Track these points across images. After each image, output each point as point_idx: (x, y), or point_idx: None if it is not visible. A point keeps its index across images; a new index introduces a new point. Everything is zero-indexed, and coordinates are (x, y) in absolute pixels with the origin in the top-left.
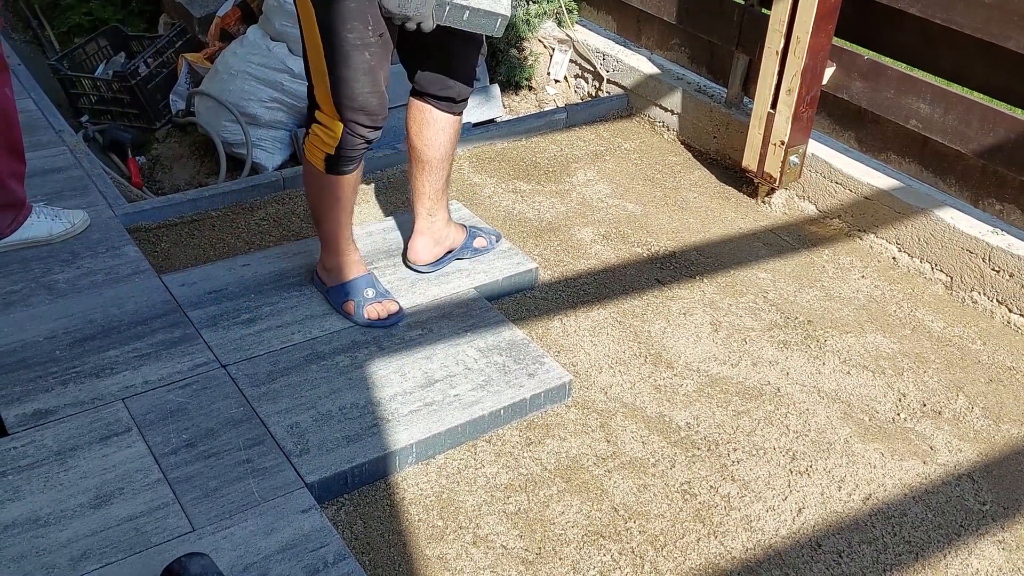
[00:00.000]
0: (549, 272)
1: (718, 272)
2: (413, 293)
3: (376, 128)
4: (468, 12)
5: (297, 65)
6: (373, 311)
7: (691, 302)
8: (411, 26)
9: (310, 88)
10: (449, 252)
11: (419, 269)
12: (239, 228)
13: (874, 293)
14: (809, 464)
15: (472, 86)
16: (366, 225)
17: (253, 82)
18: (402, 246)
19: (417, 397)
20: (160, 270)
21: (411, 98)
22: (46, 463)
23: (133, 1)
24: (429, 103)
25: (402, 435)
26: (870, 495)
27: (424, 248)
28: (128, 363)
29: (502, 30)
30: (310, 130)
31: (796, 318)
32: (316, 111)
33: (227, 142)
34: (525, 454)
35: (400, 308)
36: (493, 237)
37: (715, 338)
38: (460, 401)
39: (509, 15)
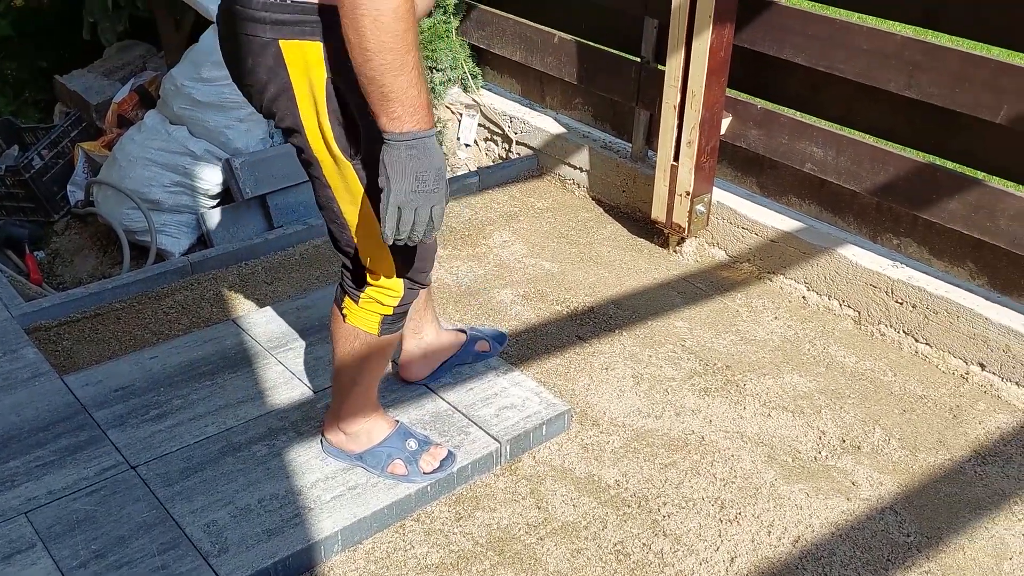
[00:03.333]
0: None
1: (636, 324)
2: (328, 373)
3: (432, 266)
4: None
5: (198, 147)
6: (427, 463)
7: (612, 356)
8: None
9: (353, 254)
10: (446, 362)
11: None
12: (146, 319)
13: (787, 333)
14: (738, 511)
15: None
16: (280, 303)
17: (154, 167)
18: (317, 323)
19: (340, 481)
20: (62, 370)
21: None
22: None
23: (26, 91)
24: None
25: (326, 523)
26: (799, 537)
27: (416, 367)
28: (30, 473)
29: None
30: (361, 295)
31: (715, 364)
32: (372, 274)
33: (130, 230)
34: (455, 529)
35: (449, 450)
36: (496, 342)
37: (638, 391)
38: (385, 481)
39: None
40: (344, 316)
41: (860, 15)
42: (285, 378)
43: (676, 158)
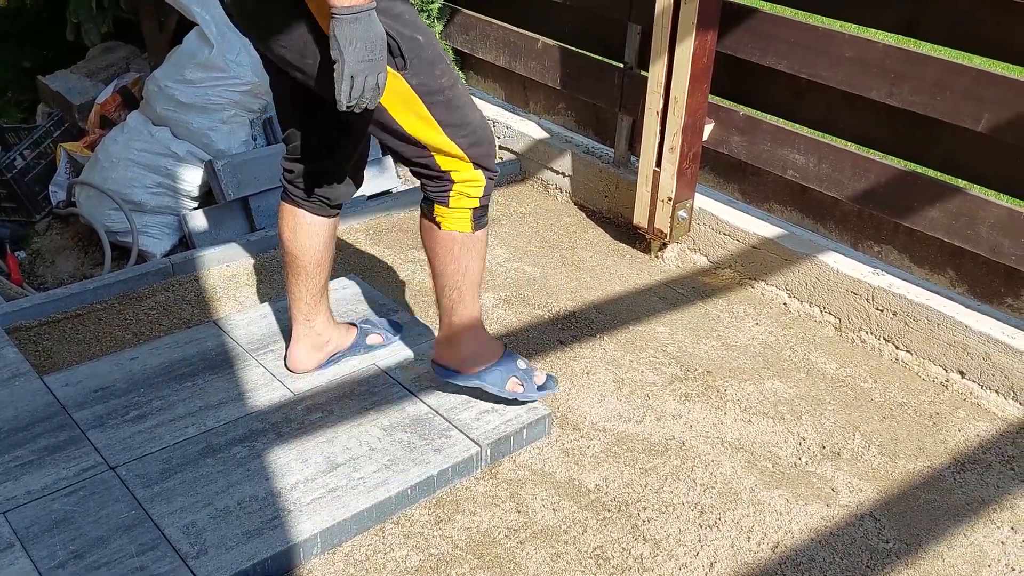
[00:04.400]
0: None
1: (617, 329)
2: (311, 374)
3: (495, 156)
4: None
5: (181, 148)
6: (539, 378)
7: (593, 361)
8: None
9: (428, 161)
10: (335, 355)
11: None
12: (127, 320)
13: (768, 339)
14: (718, 516)
15: (358, 187)
16: (262, 305)
17: (137, 168)
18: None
19: (320, 484)
20: (42, 370)
21: (282, 201)
22: None
23: (9, 91)
24: (302, 207)
25: (305, 525)
26: (778, 543)
27: (303, 354)
28: (8, 473)
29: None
30: (450, 195)
31: (696, 370)
32: (449, 174)
33: (112, 231)
34: (435, 533)
35: (546, 377)
36: (389, 332)
37: (619, 395)
38: (365, 484)
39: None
40: (439, 224)
41: (843, 23)
42: (266, 380)
43: (658, 164)
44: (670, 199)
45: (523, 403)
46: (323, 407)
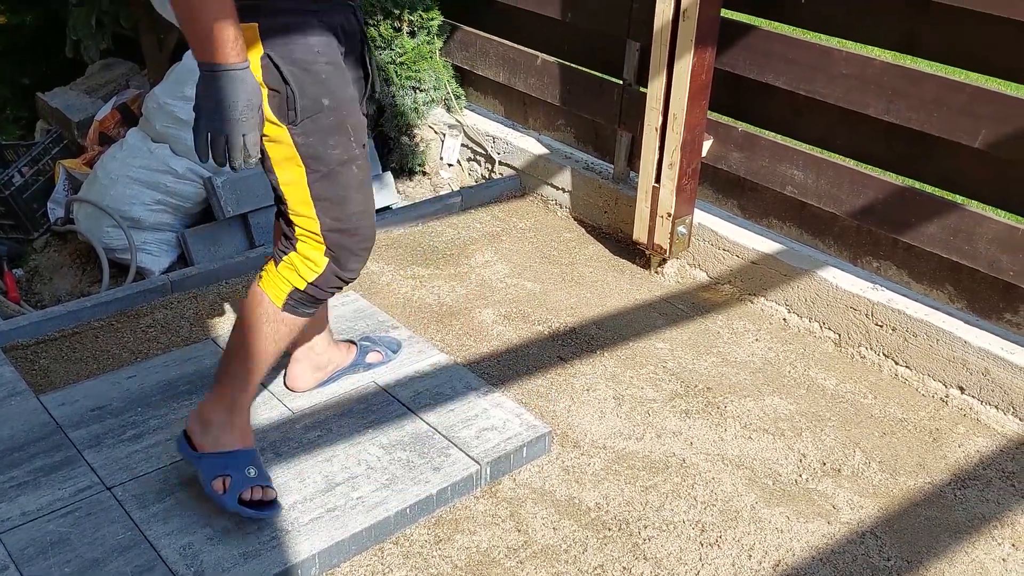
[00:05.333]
0: (452, 356)
1: (618, 345)
2: (310, 392)
3: (363, 260)
4: None
5: (180, 165)
6: (249, 493)
7: (593, 377)
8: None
9: (289, 217)
10: (334, 373)
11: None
12: (124, 338)
13: (768, 355)
14: (719, 535)
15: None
16: None
17: (135, 185)
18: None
19: (318, 503)
20: (39, 390)
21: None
22: None
23: (8, 108)
24: None
25: (303, 546)
26: (779, 561)
27: (302, 374)
28: (3, 494)
29: None
30: (284, 257)
31: (696, 386)
32: (299, 241)
33: (110, 248)
34: (434, 553)
35: (276, 499)
36: (390, 350)
37: (619, 412)
38: (364, 504)
39: None
40: (260, 276)
41: (840, 40)
42: (264, 398)
43: (658, 180)
44: (669, 215)
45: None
46: (322, 425)
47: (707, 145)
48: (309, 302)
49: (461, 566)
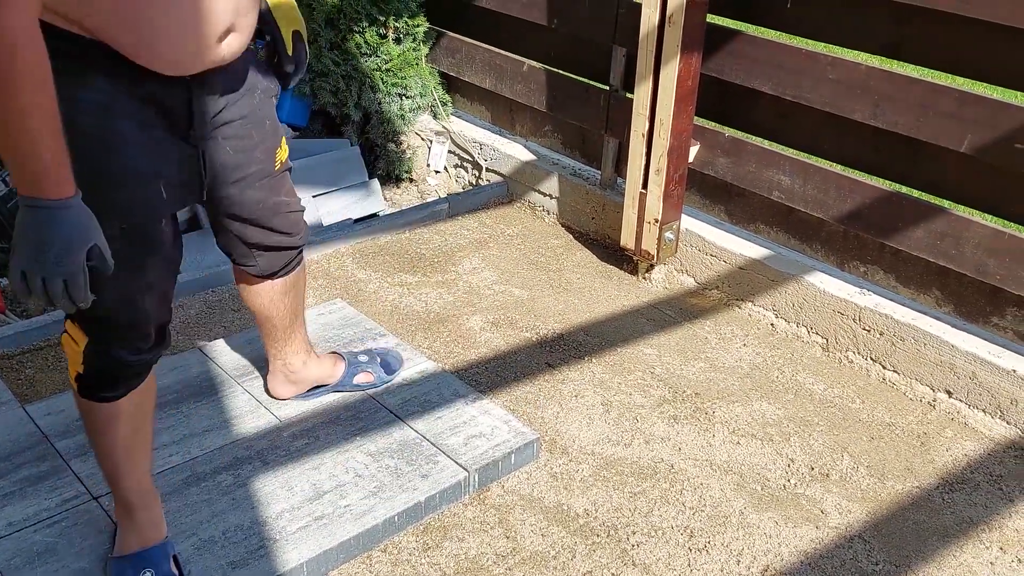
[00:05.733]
0: (440, 364)
1: (606, 351)
2: (298, 400)
3: (141, 349)
4: None
5: None
6: None
7: (581, 384)
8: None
9: None
10: (318, 388)
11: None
12: None
13: (756, 360)
14: (707, 540)
15: (281, 266)
16: (248, 331)
17: None
18: None
19: (306, 512)
20: (24, 399)
21: (232, 262)
22: None
23: None
24: (246, 271)
25: (291, 555)
26: (768, 566)
27: (280, 387)
28: None
29: None
30: (63, 334)
31: (684, 392)
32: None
33: None
34: (423, 560)
35: None
36: (382, 372)
37: (607, 418)
38: (351, 512)
39: None
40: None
41: (827, 45)
42: (251, 407)
43: (645, 186)
44: (657, 220)
45: None
46: (309, 433)
47: (694, 151)
48: (108, 384)
49: (450, 573)
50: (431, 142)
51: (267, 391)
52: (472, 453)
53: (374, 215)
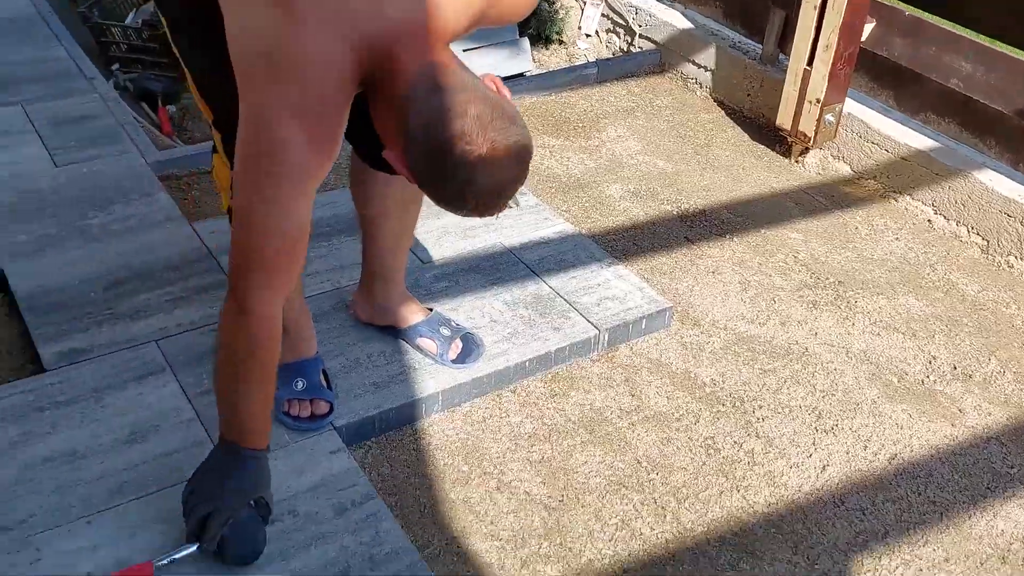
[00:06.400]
0: (577, 227)
1: (748, 231)
2: (440, 246)
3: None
4: None
5: None
6: (295, 407)
7: (720, 260)
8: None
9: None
10: (386, 328)
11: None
12: None
13: (908, 255)
14: (835, 423)
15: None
16: None
17: None
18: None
19: None
20: (191, 217)
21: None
22: (83, 400)
23: None
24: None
25: (429, 383)
26: (896, 455)
27: (359, 305)
28: (161, 307)
29: None
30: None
31: (827, 279)
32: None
33: None
34: (550, 405)
35: (331, 409)
36: (449, 353)
37: (743, 297)
38: (487, 352)
39: None
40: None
41: None
42: None
43: (810, 63)
44: (818, 101)
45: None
46: (449, 277)
47: (868, 28)
48: None
49: (574, 419)
50: (585, 4)
51: (348, 306)
52: (604, 313)
53: (521, 75)
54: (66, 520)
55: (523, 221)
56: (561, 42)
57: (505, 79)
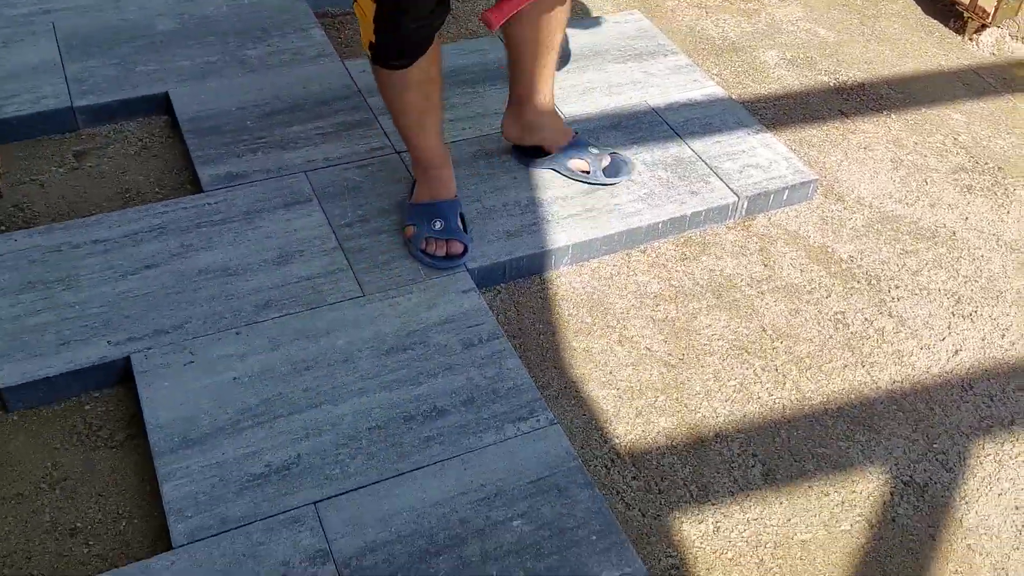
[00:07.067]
0: (728, 92)
1: (908, 109)
2: (583, 102)
3: (421, 14)
4: None
5: None
6: (432, 246)
7: (874, 137)
8: None
9: None
10: (538, 149)
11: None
12: None
13: None
14: (974, 309)
15: None
16: None
17: None
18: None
19: (578, 202)
20: (343, 55)
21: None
22: (236, 220)
23: None
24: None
25: (560, 236)
26: None
27: (507, 125)
28: (311, 139)
29: None
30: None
31: (986, 163)
32: None
33: None
34: (679, 268)
35: (465, 251)
36: (602, 170)
37: (894, 176)
38: (620, 211)
39: None
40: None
41: None
42: None
43: None
44: None
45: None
46: (591, 134)
47: None
48: (395, 53)
49: (702, 283)
50: None
51: (501, 127)
52: (745, 181)
53: None
54: (216, 329)
55: (671, 81)
56: None
57: None
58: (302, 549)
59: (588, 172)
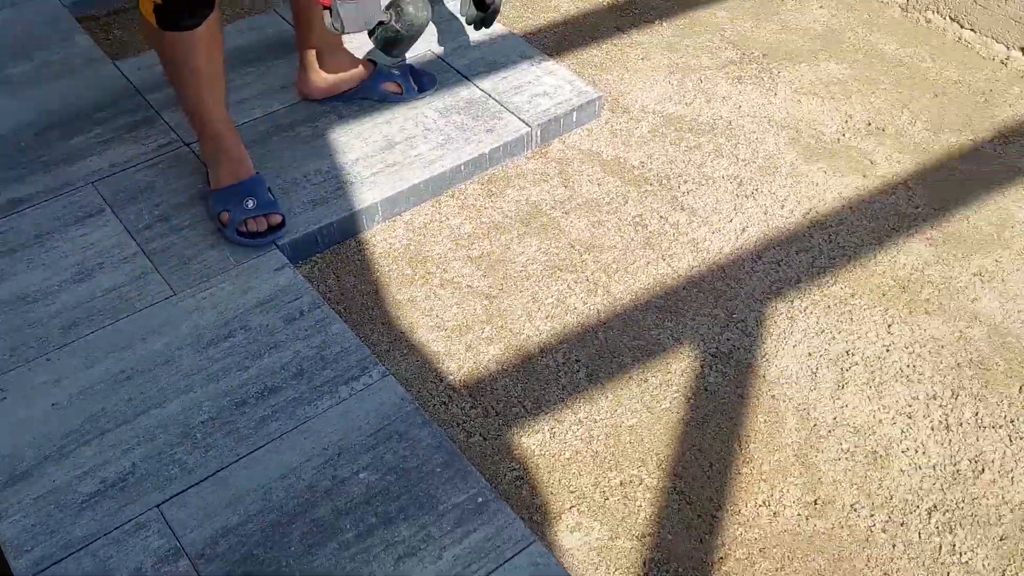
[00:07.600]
0: (509, 27)
1: (677, 14)
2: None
3: None
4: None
5: None
6: (251, 224)
7: (649, 47)
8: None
9: None
10: (346, 92)
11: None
12: None
13: (831, 22)
14: (755, 188)
15: None
16: None
17: None
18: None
19: (379, 160)
20: (115, 57)
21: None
22: (27, 246)
23: None
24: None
25: (367, 195)
26: (810, 210)
27: (309, 84)
28: (93, 148)
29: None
30: None
31: (752, 53)
32: None
33: None
34: (487, 204)
35: (283, 220)
36: (413, 81)
37: (671, 80)
38: (421, 160)
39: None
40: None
41: None
42: None
43: None
44: None
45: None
46: None
47: None
48: (182, 13)
49: (511, 215)
50: None
51: (298, 89)
52: (535, 110)
53: None
54: (24, 360)
55: (453, 27)
56: None
57: None
58: (152, 552)
59: (401, 92)
